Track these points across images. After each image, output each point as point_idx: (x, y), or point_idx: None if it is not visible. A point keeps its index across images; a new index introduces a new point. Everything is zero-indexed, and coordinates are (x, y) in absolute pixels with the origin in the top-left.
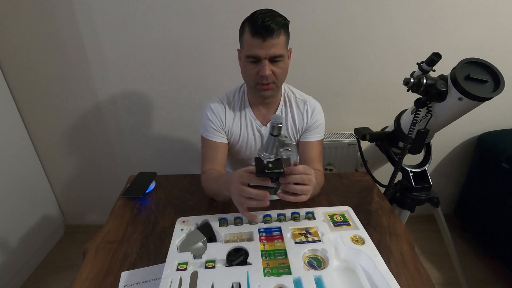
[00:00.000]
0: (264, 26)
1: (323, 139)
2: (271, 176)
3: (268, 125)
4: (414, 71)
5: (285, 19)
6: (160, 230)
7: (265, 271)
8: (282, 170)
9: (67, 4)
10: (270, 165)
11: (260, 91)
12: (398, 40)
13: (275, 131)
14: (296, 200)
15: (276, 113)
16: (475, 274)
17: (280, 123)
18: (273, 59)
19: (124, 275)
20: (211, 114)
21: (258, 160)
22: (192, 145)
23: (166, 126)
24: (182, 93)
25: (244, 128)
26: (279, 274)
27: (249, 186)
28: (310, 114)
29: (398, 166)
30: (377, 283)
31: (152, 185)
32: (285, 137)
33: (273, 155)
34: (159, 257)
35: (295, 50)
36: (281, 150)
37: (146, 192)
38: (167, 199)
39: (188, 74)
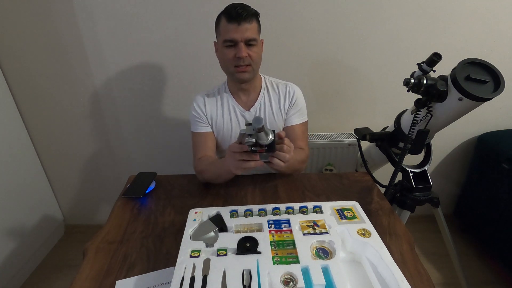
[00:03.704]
0: (238, 12)
1: (306, 121)
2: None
3: (249, 119)
4: (414, 72)
5: (256, 11)
6: (160, 230)
7: (274, 259)
8: (275, 146)
9: (67, 4)
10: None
11: (238, 74)
12: (398, 40)
13: (261, 129)
14: (277, 164)
15: (258, 99)
16: (475, 274)
17: (263, 124)
18: (248, 43)
19: (119, 284)
20: (194, 109)
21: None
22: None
23: (166, 126)
24: (182, 93)
25: (227, 115)
26: (287, 263)
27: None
28: (292, 94)
29: (398, 166)
30: (382, 274)
31: (152, 185)
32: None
33: (270, 137)
34: (159, 257)
35: (296, 51)
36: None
37: (146, 192)
38: (167, 199)
39: (188, 73)
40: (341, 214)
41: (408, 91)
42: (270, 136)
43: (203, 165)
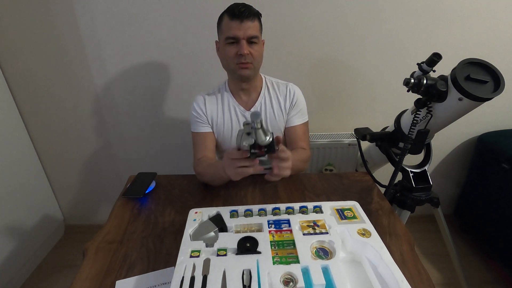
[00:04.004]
0: (240, 11)
1: (307, 121)
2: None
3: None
4: (414, 72)
5: (258, 11)
6: (160, 230)
7: (274, 259)
8: (275, 147)
9: (67, 4)
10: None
11: (240, 71)
12: (399, 40)
13: (259, 125)
14: (279, 175)
15: (259, 99)
16: (475, 274)
17: (261, 119)
18: (250, 40)
19: (119, 284)
20: (194, 109)
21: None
22: (192, 145)
23: (166, 126)
24: (182, 93)
25: (227, 115)
26: (287, 263)
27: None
28: (293, 94)
29: (398, 166)
30: (382, 274)
31: (152, 185)
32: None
33: (268, 137)
34: (159, 257)
35: (296, 51)
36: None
37: (146, 192)
38: (167, 199)
39: (188, 73)
40: (341, 214)
41: (408, 91)
42: (269, 137)
43: (201, 167)
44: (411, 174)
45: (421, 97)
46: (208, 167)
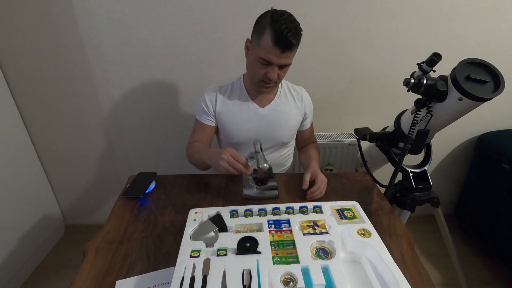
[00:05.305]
0: (287, 40)
1: (312, 120)
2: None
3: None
4: (414, 72)
5: (301, 30)
6: (160, 230)
7: (274, 259)
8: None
9: (67, 5)
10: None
11: (261, 88)
12: (399, 40)
13: (259, 148)
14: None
15: (275, 98)
16: (475, 274)
17: (260, 144)
18: (282, 66)
19: (119, 284)
20: (204, 101)
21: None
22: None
23: (166, 126)
24: (182, 93)
25: (239, 111)
26: (287, 263)
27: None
28: (306, 101)
29: (398, 166)
30: (382, 274)
31: (152, 185)
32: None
33: (266, 165)
34: (159, 257)
35: (296, 51)
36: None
37: (146, 192)
38: (167, 199)
39: (188, 74)
40: (341, 214)
41: (408, 91)
42: (266, 165)
43: (192, 149)
44: (411, 174)
45: (421, 97)
46: (197, 152)
